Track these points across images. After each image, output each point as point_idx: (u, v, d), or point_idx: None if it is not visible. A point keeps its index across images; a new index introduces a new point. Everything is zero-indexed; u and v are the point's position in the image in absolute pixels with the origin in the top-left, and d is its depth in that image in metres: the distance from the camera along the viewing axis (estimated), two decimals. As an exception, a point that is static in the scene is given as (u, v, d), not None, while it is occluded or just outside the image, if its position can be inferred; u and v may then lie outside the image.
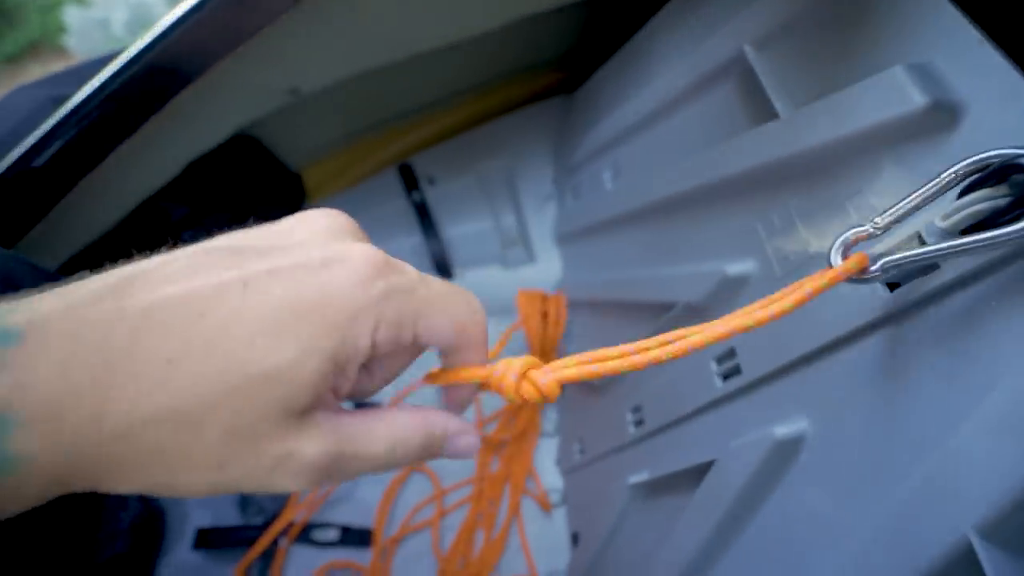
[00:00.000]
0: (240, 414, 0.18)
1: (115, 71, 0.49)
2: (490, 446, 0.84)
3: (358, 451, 0.20)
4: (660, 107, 0.59)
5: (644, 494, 0.57)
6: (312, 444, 0.19)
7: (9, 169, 0.46)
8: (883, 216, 0.23)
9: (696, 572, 0.45)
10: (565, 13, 0.92)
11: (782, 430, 0.36)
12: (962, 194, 0.24)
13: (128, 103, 0.51)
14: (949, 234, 0.26)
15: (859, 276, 0.26)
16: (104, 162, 0.50)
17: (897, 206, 0.23)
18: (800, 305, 0.25)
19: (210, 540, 0.75)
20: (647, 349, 0.25)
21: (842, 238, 0.24)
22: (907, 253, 0.25)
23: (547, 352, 0.85)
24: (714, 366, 0.46)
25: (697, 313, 0.49)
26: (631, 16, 0.70)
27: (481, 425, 0.87)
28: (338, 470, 0.20)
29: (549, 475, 0.82)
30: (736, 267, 0.43)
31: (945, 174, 0.24)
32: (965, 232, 0.25)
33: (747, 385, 0.42)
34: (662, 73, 0.58)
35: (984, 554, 0.23)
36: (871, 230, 0.23)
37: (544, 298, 0.89)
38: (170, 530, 0.77)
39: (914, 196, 0.23)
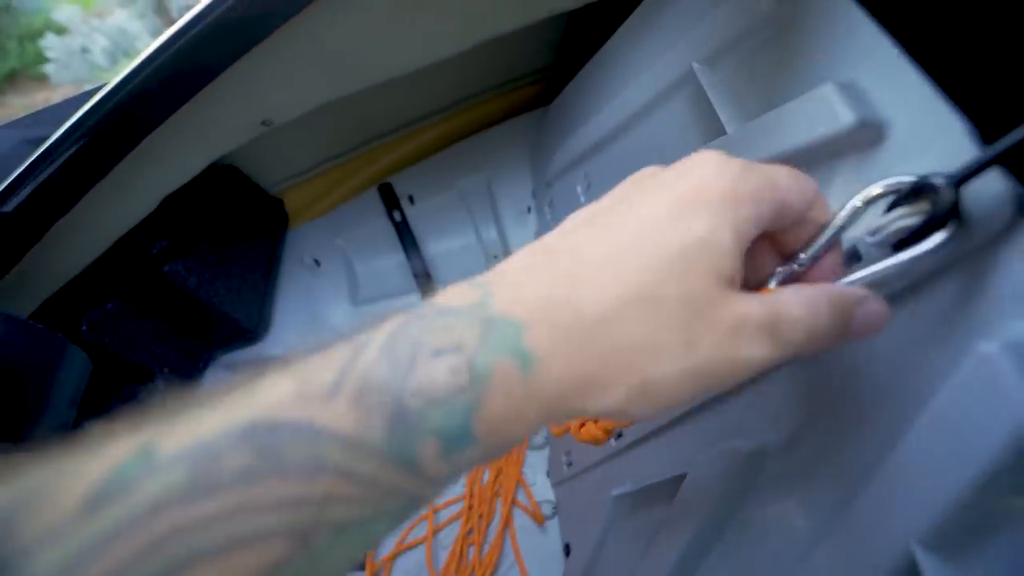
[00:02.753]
0: (687, 281, 0.19)
1: (86, 112, 0.50)
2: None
3: (785, 313, 0.20)
4: (624, 121, 0.60)
5: (628, 505, 0.58)
6: (754, 305, 0.20)
7: (-21, 216, 0.47)
8: (806, 252, 0.24)
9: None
10: (542, 26, 0.93)
11: (746, 443, 0.37)
12: (889, 208, 0.25)
13: (101, 144, 0.52)
14: (880, 248, 0.26)
15: None
16: (77, 205, 0.51)
17: (816, 243, 0.23)
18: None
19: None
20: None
21: (773, 280, 0.24)
22: (849, 279, 0.25)
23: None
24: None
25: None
26: (608, 27, 0.71)
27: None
28: (779, 333, 0.20)
29: (541, 487, 0.83)
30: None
31: (846, 208, 0.24)
32: (897, 246, 0.26)
33: (714, 398, 0.43)
34: (624, 88, 0.59)
35: (926, 565, 0.24)
36: (796, 268, 0.24)
37: None
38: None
39: (829, 230, 0.23)
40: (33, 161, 0.51)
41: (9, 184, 0.50)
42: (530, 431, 0.19)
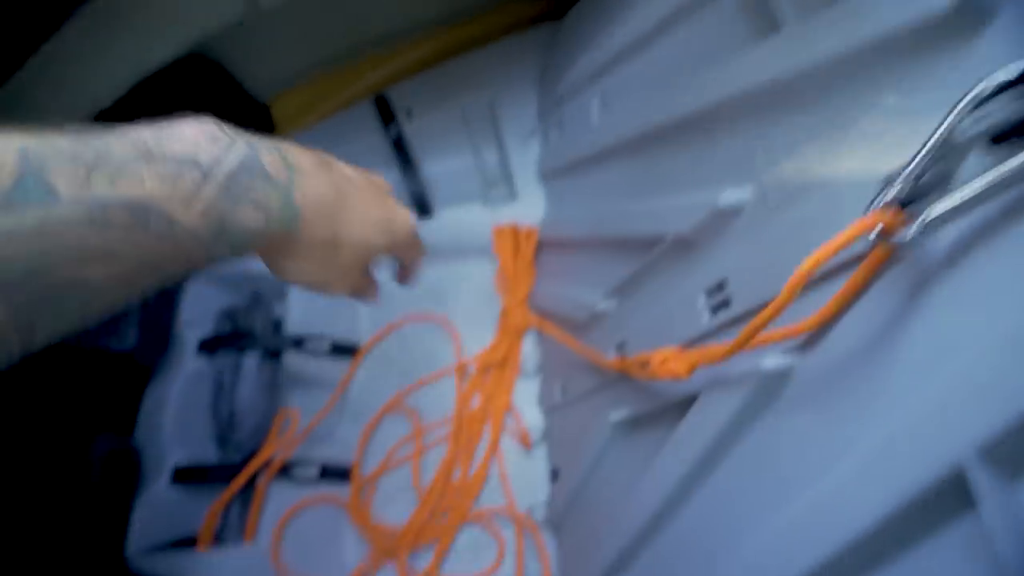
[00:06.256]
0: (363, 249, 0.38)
1: None
2: (472, 383, 0.84)
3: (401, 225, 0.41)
4: (653, 28, 0.55)
5: (625, 431, 0.57)
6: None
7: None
8: (903, 174, 0.21)
9: (675, 502, 0.45)
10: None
11: (770, 362, 0.35)
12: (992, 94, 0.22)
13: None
14: (974, 142, 0.24)
15: (895, 239, 0.25)
16: (26, 65, 0.44)
17: (914, 161, 0.21)
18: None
19: (188, 477, 0.74)
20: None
21: (872, 209, 0.22)
22: (949, 205, 0.23)
23: (518, 282, 0.84)
24: (703, 299, 0.45)
25: (687, 246, 0.48)
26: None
27: (463, 366, 0.86)
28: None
29: (530, 414, 0.83)
30: (728, 196, 0.41)
31: (957, 108, 0.22)
32: (996, 139, 0.24)
33: (736, 318, 0.41)
34: (657, -10, 0.54)
35: (976, 476, 0.23)
36: (897, 193, 0.22)
37: (515, 232, 0.88)
38: (147, 468, 0.76)
39: (935, 135, 0.21)
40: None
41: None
42: (282, 248, 0.33)
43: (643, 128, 0.55)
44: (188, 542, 0.73)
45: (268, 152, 0.31)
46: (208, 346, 0.83)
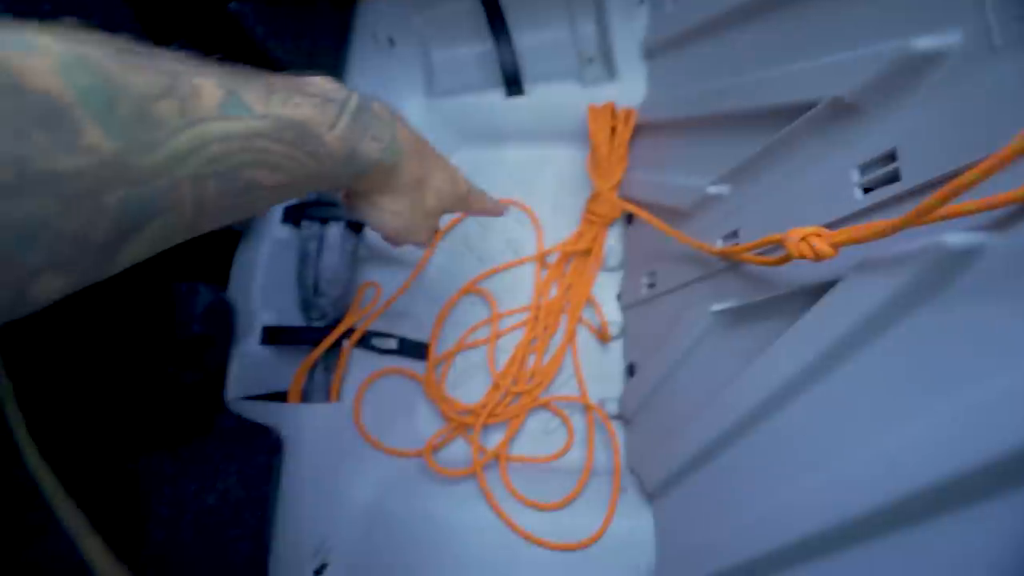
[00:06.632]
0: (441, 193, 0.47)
1: None
2: (552, 271, 0.82)
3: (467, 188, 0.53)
4: None
5: (726, 323, 0.53)
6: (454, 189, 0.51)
7: None
8: None
9: (784, 397, 0.42)
10: None
11: (956, 240, 0.29)
12: None
13: None
14: None
15: None
16: None
17: None
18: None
19: (277, 337, 0.78)
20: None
21: None
22: None
23: (611, 166, 0.78)
24: (856, 175, 0.39)
25: (843, 112, 0.40)
26: None
27: (543, 254, 0.83)
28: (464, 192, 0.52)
29: (607, 309, 0.80)
30: (927, 42, 0.33)
31: None
32: None
33: (903, 194, 0.35)
34: None
35: None
36: None
37: (613, 113, 0.80)
38: (239, 325, 0.79)
39: None
40: None
41: None
42: (386, 171, 0.40)
43: (798, -27, 0.46)
44: (278, 396, 0.77)
45: (374, 99, 0.39)
46: (292, 215, 0.84)
